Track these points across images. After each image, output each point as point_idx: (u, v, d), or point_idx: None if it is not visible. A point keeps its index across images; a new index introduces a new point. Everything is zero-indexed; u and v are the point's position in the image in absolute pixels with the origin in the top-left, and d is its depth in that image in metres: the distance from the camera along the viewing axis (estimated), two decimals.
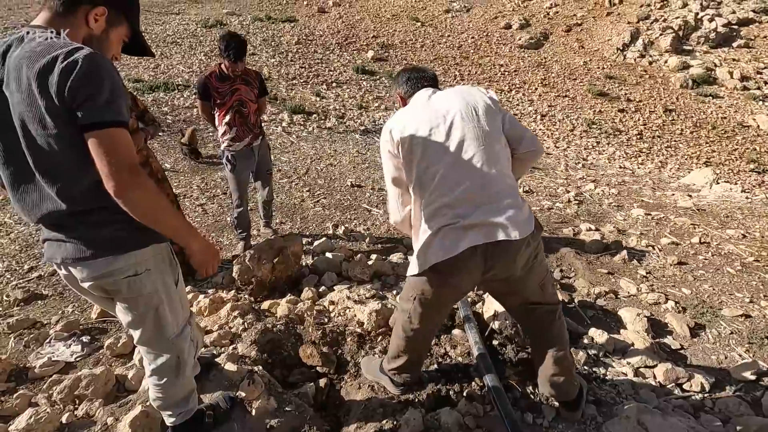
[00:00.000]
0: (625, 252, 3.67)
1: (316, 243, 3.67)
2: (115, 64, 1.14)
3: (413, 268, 1.64)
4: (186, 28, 17.45)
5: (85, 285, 1.29)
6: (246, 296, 2.87)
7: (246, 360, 2.11)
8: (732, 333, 2.72)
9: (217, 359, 2.03)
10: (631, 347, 2.44)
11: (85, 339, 2.45)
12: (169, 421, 1.56)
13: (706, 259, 3.72)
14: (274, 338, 2.30)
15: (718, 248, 3.97)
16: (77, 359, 2.31)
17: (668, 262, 3.59)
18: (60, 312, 2.76)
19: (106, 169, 1.05)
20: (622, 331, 2.63)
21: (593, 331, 2.54)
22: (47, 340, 2.43)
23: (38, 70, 1.02)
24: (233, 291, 2.92)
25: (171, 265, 1.39)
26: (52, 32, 1.12)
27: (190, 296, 2.79)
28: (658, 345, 2.53)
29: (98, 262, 1.22)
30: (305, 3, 23.36)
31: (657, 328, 2.72)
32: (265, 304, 2.76)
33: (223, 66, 3.01)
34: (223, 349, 2.21)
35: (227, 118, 3.09)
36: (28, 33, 1.11)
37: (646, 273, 3.43)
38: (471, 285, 1.69)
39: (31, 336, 2.48)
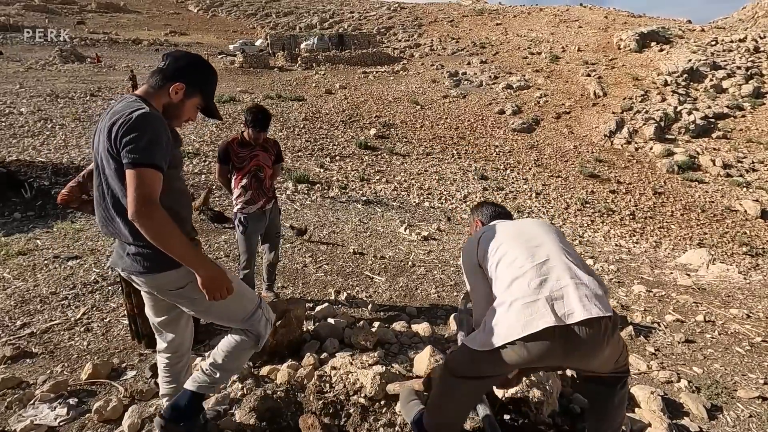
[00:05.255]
0: (631, 328, 3.62)
1: (317, 308, 3.61)
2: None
3: (480, 342, 1.56)
4: None
5: (144, 290, 1.60)
6: None
7: (244, 429, 1.99)
8: (751, 416, 2.60)
9: (217, 423, 1.92)
10: (649, 427, 2.32)
11: (72, 401, 2.31)
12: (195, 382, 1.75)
13: (713, 338, 3.66)
14: (273, 406, 2.19)
15: (724, 327, 3.92)
16: (61, 423, 2.16)
17: (676, 340, 3.53)
18: (48, 372, 2.63)
19: (129, 198, 1.34)
20: (636, 410, 2.52)
21: None
22: (31, 402, 2.29)
23: (110, 123, 1.39)
24: None
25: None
26: (137, 98, 1.48)
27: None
28: (676, 426, 2.41)
29: (148, 277, 1.51)
30: (313, 85, 25.25)
31: (672, 408, 2.61)
32: (265, 370, 2.64)
33: (245, 134, 3.20)
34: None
35: (244, 181, 3.21)
36: (126, 97, 1.50)
37: (655, 350, 3.36)
38: (542, 365, 1.60)
39: (15, 396, 2.34)
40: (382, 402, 2.31)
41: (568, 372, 2.64)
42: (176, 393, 1.80)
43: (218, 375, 1.72)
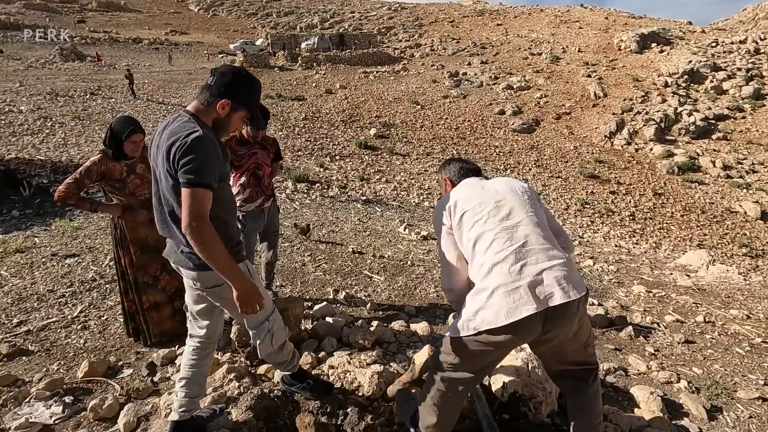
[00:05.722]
0: (630, 328, 3.60)
1: (316, 307, 3.60)
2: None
3: (463, 329, 1.59)
4: None
5: (187, 281, 1.82)
6: (242, 359, 2.74)
7: (240, 427, 1.97)
8: (751, 417, 2.59)
9: (210, 423, 1.90)
10: (648, 427, 2.30)
11: (67, 399, 2.30)
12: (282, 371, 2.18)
13: (713, 339, 3.64)
14: (270, 405, 2.17)
15: (724, 328, 3.91)
16: (56, 421, 2.15)
17: (675, 340, 3.52)
18: (44, 369, 2.62)
19: (183, 213, 1.54)
20: (636, 410, 2.50)
21: (607, 408, 2.41)
22: (27, 400, 2.28)
23: (168, 143, 1.57)
24: (229, 353, 2.80)
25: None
26: (190, 118, 1.64)
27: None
28: (676, 427, 2.40)
29: (194, 272, 1.72)
30: (313, 84, 25.25)
31: (671, 408, 2.59)
32: (262, 369, 2.63)
33: (244, 132, 3.19)
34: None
35: (243, 179, 3.20)
36: (180, 115, 1.67)
37: (654, 350, 3.34)
38: (520, 345, 1.71)
39: (11, 394, 2.32)
40: (380, 401, 2.30)
41: None
42: (194, 377, 1.92)
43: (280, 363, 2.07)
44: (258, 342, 1.94)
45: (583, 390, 1.75)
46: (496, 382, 2.41)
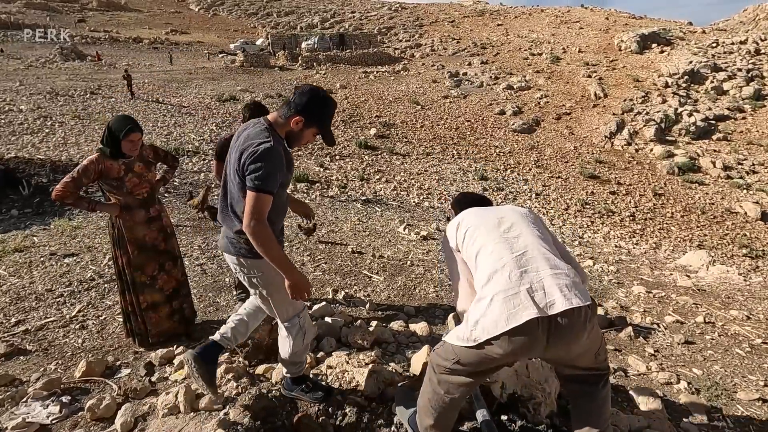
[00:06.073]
0: (630, 329, 3.59)
1: (315, 307, 3.58)
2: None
3: (464, 339, 1.56)
4: (201, 101, 18.60)
5: (231, 267, 2.02)
6: (241, 359, 2.73)
7: (237, 427, 1.96)
8: (751, 418, 2.57)
9: (206, 425, 1.89)
10: (648, 428, 2.29)
11: (65, 399, 2.29)
12: (285, 373, 2.22)
13: (713, 339, 3.63)
14: (268, 405, 2.16)
15: (724, 329, 3.90)
16: (53, 421, 2.14)
17: (675, 341, 3.51)
18: (42, 369, 2.61)
19: (246, 212, 1.74)
20: (635, 411, 2.49)
21: None
22: (24, 399, 2.27)
23: (242, 148, 1.77)
24: (227, 353, 2.79)
25: (273, 278, 1.92)
26: (267, 128, 1.82)
27: (182, 356, 2.67)
28: (676, 428, 2.38)
29: (233, 257, 1.95)
30: (314, 84, 25.23)
31: (671, 409, 2.58)
32: (260, 369, 2.62)
33: None
34: (214, 414, 2.06)
35: None
36: (260, 122, 1.86)
37: (654, 351, 3.33)
38: (523, 358, 1.63)
39: (8, 394, 2.31)
40: (378, 401, 2.29)
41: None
42: (247, 319, 2.16)
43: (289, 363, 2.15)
44: (289, 339, 2.05)
45: (593, 394, 1.69)
46: (495, 382, 2.40)
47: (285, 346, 2.10)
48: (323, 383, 2.30)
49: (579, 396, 1.75)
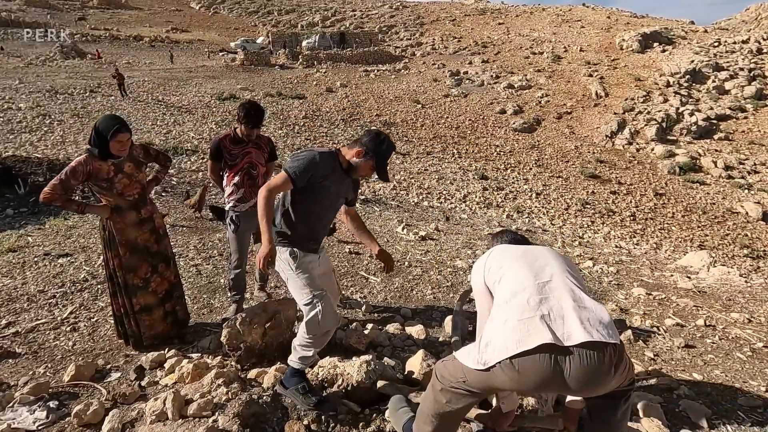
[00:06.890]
0: (629, 332, 3.54)
1: None
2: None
3: (473, 361, 1.50)
4: (201, 99, 18.54)
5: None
6: (233, 363, 2.69)
7: None
8: (753, 425, 2.52)
9: None
10: None
11: (52, 404, 2.24)
12: (289, 360, 2.27)
13: (714, 343, 3.58)
14: (258, 411, 2.12)
15: (725, 332, 3.84)
16: (40, 427, 2.10)
17: (676, 345, 3.45)
18: (31, 372, 2.57)
19: (268, 179, 2.20)
20: (633, 417, 2.44)
21: None
22: (10, 404, 2.23)
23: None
24: (219, 357, 2.74)
25: (289, 263, 2.23)
26: (332, 152, 2.23)
27: (173, 360, 2.63)
28: None
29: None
30: (314, 83, 25.17)
31: (671, 415, 2.53)
32: (252, 373, 2.58)
33: (238, 130, 3.13)
34: (202, 420, 2.02)
35: (236, 179, 3.14)
36: (331, 148, 2.28)
37: (654, 355, 3.28)
38: (539, 392, 1.55)
39: None
40: (371, 408, 2.25)
41: None
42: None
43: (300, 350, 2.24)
44: (305, 318, 2.17)
45: (615, 408, 1.59)
46: None
47: (300, 329, 2.22)
48: (319, 391, 2.29)
49: (598, 409, 1.66)
